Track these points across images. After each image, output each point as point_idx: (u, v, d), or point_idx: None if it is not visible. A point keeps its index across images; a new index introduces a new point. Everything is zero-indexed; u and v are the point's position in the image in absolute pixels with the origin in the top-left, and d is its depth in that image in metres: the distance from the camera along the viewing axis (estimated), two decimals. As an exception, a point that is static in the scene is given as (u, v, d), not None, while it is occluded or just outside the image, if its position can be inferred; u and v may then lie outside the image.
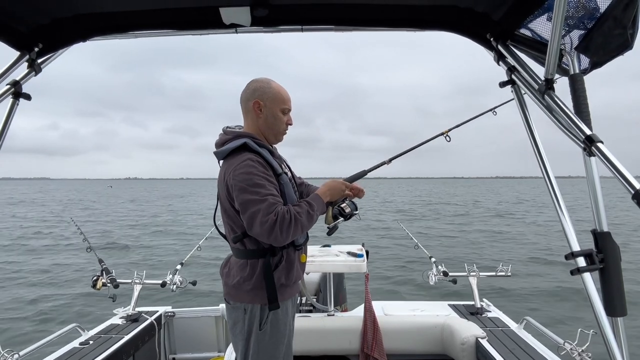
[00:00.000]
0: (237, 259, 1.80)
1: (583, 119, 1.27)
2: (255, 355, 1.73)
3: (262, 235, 1.61)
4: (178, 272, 3.43)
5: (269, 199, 1.62)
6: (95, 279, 3.18)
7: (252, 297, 1.73)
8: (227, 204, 1.74)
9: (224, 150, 1.76)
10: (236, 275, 1.76)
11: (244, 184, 1.63)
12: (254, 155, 1.71)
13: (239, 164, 1.66)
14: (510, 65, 1.57)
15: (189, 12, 1.60)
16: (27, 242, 15.67)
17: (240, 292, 1.75)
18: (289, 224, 1.60)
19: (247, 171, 1.64)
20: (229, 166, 1.71)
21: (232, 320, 1.80)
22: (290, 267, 1.78)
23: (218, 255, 12.41)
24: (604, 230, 1.23)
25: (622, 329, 1.16)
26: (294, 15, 1.66)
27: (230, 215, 1.75)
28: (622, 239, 13.67)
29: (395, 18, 1.69)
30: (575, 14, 1.34)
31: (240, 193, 1.63)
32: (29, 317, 7.31)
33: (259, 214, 1.59)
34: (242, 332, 1.74)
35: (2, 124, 1.53)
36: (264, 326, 1.72)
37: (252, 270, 1.73)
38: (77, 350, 2.60)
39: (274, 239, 1.61)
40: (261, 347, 1.73)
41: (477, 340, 2.53)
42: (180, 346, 3.45)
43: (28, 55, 1.59)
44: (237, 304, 1.76)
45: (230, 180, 1.66)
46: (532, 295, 7.60)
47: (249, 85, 1.85)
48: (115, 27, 1.68)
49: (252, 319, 1.73)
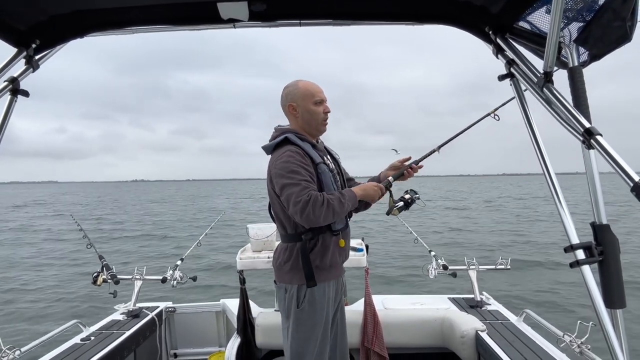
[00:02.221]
0: (282, 242, 2.02)
1: (582, 112, 1.27)
2: (295, 333, 1.92)
3: (296, 214, 1.78)
4: (178, 268, 3.44)
5: (302, 183, 1.79)
6: (96, 275, 3.18)
7: (290, 277, 1.93)
8: (271, 192, 1.94)
9: (270, 145, 1.99)
10: (278, 257, 2.00)
11: (282, 171, 1.83)
12: (294, 147, 1.90)
13: (279, 157, 1.88)
14: (509, 59, 1.57)
15: (186, 7, 1.60)
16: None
17: (282, 272, 1.97)
18: (320, 205, 1.75)
19: (286, 160, 1.84)
20: (271, 160, 1.95)
21: (278, 298, 2.06)
22: (325, 250, 1.94)
23: (217, 252, 12.46)
24: (603, 223, 1.23)
25: (621, 321, 1.17)
26: (292, 9, 1.66)
27: (274, 202, 1.97)
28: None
29: (393, 12, 1.69)
30: (574, 6, 1.34)
31: (278, 179, 1.84)
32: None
33: (293, 195, 1.76)
34: (284, 309, 1.97)
35: (1, 121, 1.53)
36: (301, 305, 1.90)
37: (290, 252, 1.93)
38: (79, 346, 2.60)
39: (306, 218, 1.76)
40: (299, 324, 1.91)
41: (477, 333, 2.54)
42: (182, 341, 3.46)
43: (25, 52, 1.58)
44: (280, 284, 1.99)
45: (272, 170, 1.89)
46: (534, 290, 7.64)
47: (281, 94, 2.05)
48: (112, 22, 1.67)
49: (291, 298, 1.92)
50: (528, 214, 22.94)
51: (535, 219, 20.60)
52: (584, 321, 2.13)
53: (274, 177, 1.86)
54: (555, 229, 15.58)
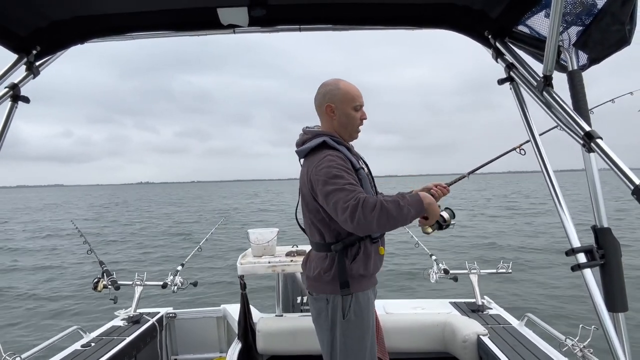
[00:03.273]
0: (317, 252, 1.89)
1: (582, 115, 1.27)
2: (343, 345, 1.80)
3: (346, 221, 1.63)
4: (179, 273, 3.43)
5: (347, 187, 1.66)
6: (96, 281, 3.18)
7: (332, 288, 1.81)
8: (309, 198, 1.83)
9: (305, 149, 1.87)
10: (316, 267, 1.86)
11: (324, 177, 1.70)
12: (333, 151, 1.80)
13: (320, 160, 1.76)
14: (509, 63, 1.57)
15: (186, 13, 1.60)
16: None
17: (321, 283, 1.84)
18: (372, 209, 1.59)
19: (327, 165, 1.73)
20: (310, 163, 1.81)
21: (315, 311, 1.90)
22: (368, 258, 1.84)
23: (218, 256, 12.43)
24: (604, 226, 1.23)
25: (623, 324, 1.16)
26: (292, 15, 1.66)
27: (311, 210, 1.85)
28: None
29: (392, 16, 1.69)
30: (573, 10, 1.34)
31: (322, 186, 1.71)
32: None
33: (340, 201, 1.63)
34: (327, 321, 1.83)
35: (1, 127, 1.53)
36: (347, 315, 1.79)
37: (331, 261, 1.81)
38: (79, 353, 2.60)
39: (357, 224, 1.60)
40: (347, 336, 1.80)
41: (478, 337, 2.53)
42: (182, 347, 3.45)
43: (26, 58, 1.58)
44: (319, 295, 1.86)
45: (313, 176, 1.76)
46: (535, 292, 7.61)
47: (319, 90, 1.93)
48: (113, 29, 1.68)
49: (334, 309, 1.81)
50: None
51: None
52: (586, 325, 2.12)
53: (317, 184, 1.74)
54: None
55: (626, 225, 16.34)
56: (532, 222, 18.88)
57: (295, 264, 2.75)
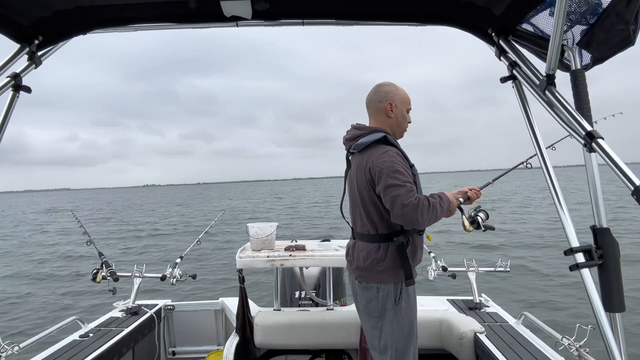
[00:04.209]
0: (367, 243, 1.98)
1: (584, 115, 1.27)
2: (395, 330, 1.92)
3: (403, 216, 1.76)
4: (178, 266, 3.44)
5: (407, 185, 1.79)
6: (95, 272, 3.18)
7: (385, 277, 1.91)
8: (366, 190, 1.93)
9: (365, 142, 1.95)
10: (367, 257, 1.94)
11: (387, 171, 1.82)
12: (393, 147, 1.92)
13: (381, 154, 1.87)
14: (512, 61, 1.57)
15: (189, 4, 1.60)
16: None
17: (373, 272, 1.93)
18: (428, 209, 1.77)
19: (389, 159, 1.84)
20: (370, 156, 1.91)
21: (365, 299, 1.98)
22: (415, 249, 1.97)
23: (217, 248, 12.46)
24: (603, 226, 1.23)
25: (620, 324, 1.17)
26: (295, 9, 1.66)
27: (367, 202, 1.94)
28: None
29: (396, 12, 1.69)
30: (578, 9, 1.34)
31: (382, 178, 1.82)
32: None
33: (400, 197, 1.76)
34: (377, 309, 1.93)
35: (3, 117, 1.53)
36: (398, 302, 1.91)
37: (384, 251, 1.91)
38: (77, 343, 2.61)
39: (413, 221, 1.77)
40: (398, 321, 1.92)
41: (475, 335, 2.53)
42: (180, 339, 3.46)
43: (28, 48, 1.58)
44: (370, 284, 1.94)
45: (375, 168, 1.86)
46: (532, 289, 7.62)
47: (379, 89, 2.06)
48: (115, 20, 1.67)
49: (385, 297, 1.91)
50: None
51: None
52: (582, 324, 2.13)
53: (377, 176, 1.84)
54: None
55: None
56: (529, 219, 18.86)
57: (293, 259, 2.75)
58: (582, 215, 17.00)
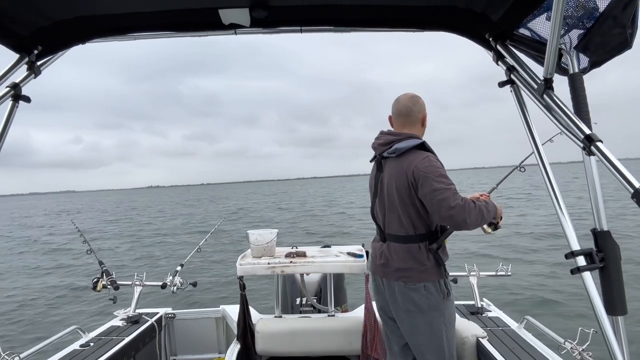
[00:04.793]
0: (404, 244, 2.05)
1: (582, 118, 1.27)
2: (447, 323, 2.06)
3: (450, 218, 1.85)
4: (178, 274, 3.43)
5: (452, 188, 1.89)
6: (96, 281, 3.17)
7: (429, 275, 2.01)
8: (406, 192, 2.00)
9: (404, 147, 2.03)
10: (409, 258, 2.02)
11: (432, 175, 1.91)
12: (432, 153, 2.03)
13: (423, 159, 1.98)
14: (510, 65, 1.58)
15: (188, 13, 1.60)
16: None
17: (417, 272, 2.01)
18: (474, 210, 1.88)
19: (433, 164, 1.95)
20: (411, 161, 2.00)
21: (409, 299, 2.04)
22: (444, 248, 2.09)
23: (217, 257, 12.42)
24: (604, 229, 1.23)
25: (623, 327, 1.16)
26: (293, 16, 1.67)
27: (407, 203, 2.02)
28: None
29: (393, 19, 1.69)
30: (575, 14, 1.35)
31: (428, 182, 1.91)
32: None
33: (448, 200, 1.85)
34: (424, 306, 2.01)
35: (2, 127, 1.53)
36: (447, 296, 2.04)
37: (423, 251, 2.01)
38: (78, 353, 2.59)
39: (461, 222, 1.86)
40: (447, 314, 2.06)
41: (477, 339, 2.52)
42: (181, 348, 3.44)
43: (27, 58, 1.59)
44: (416, 283, 2.02)
45: (419, 172, 1.94)
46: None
47: (417, 100, 2.18)
48: (114, 29, 1.68)
49: (430, 294, 2.01)
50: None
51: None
52: (585, 328, 2.12)
53: (422, 179, 1.93)
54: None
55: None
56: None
57: (294, 265, 2.74)
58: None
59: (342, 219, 22.15)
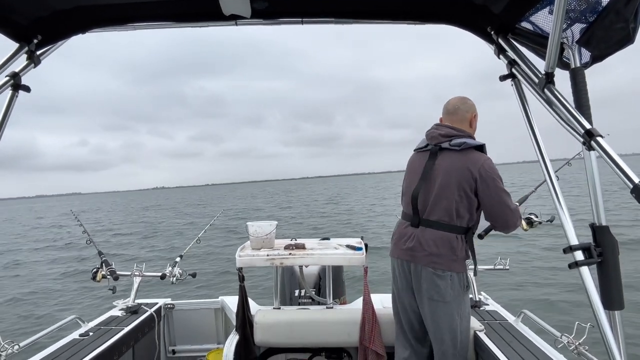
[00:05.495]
0: (441, 231, 2.14)
1: (583, 113, 1.27)
2: (466, 312, 2.22)
3: (507, 220, 2.09)
4: (178, 265, 3.44)
5: (509, 194, 2.08)
6: (95, 271, 3.18)
7: (457, 266, 2.13)
8: (465, 185, 2.09)
9: (470, 143, 2.13)
10: (443, 245, 2.12)
11: (497, 177, 2.08)
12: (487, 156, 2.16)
13: (487, 160, 2.11)
14: (511, 59, 1.57)
15: (188, 4, 1.59)
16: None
17: (448, 260, 2.11)
18: (519, 215, 2.14)
19: (495, 167, 2.10)
20: (474, 159, 2.10)
21: (434, 286, 2.13)
22: (473, 245, 2.23)
23: (216, 248, 12.46)
24: (603, 224, 1.23)
25: (620, 322, 1.17)
26: (294, 7, 1.66)
27: (461, 195, 2.10)
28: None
29: (395, 11, 1.68)
30: (577, 8, 1.34)
31: (494, 184, 2.07)
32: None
33: (508, 202, 2.08)
34: (448, 294, 2.12)
35: (2, 116, 1.52)
36: (467, 289, 2.19)
37: (459, 242, 2.12)
38: (77, 342, 2.61)
39: (512, 224, 2.12)
40: (466, 303, 2.22)
41: (475, 333, 2.54)
42: (180, 338, 3.46)
43: (27, 47, 1.58)
44: (445, 272, 2.11)
45: (485, 172, 2.07)
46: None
47: (465, 101, 2.29)
48: (114, 19, 1.67)
49: (454, 283, 2.12)
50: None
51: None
52: (582, 322, 2.13)
53: (488, 179, 2.07)
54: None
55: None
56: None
57: (293, 257, 2.75)
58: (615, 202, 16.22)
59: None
